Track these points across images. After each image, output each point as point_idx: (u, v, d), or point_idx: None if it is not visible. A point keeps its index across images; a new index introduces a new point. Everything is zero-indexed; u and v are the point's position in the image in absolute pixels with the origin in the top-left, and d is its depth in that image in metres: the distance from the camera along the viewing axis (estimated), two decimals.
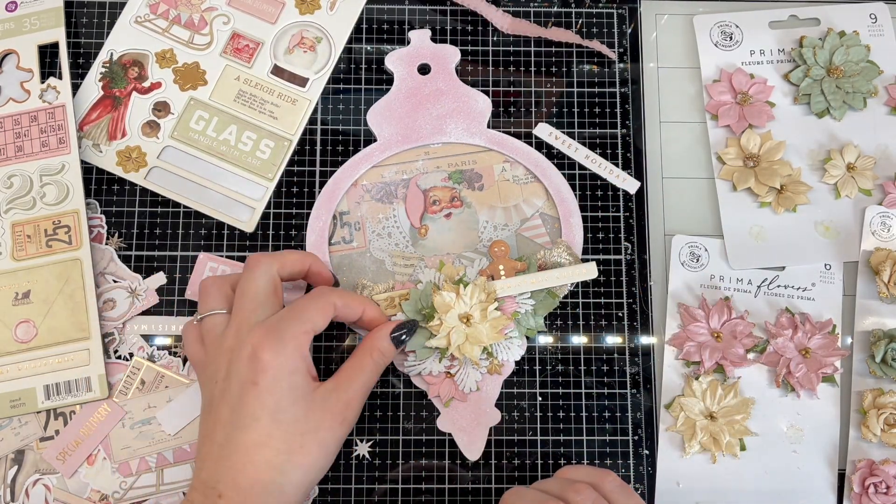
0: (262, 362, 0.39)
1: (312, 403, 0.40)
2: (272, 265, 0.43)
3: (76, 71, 0.52)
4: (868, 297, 0.50)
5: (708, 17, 0.54)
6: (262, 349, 0.39)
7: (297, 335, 0.40)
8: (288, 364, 0.40)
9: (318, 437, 0.40)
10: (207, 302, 0.43)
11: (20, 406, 0.46)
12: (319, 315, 0.41)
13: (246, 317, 0.41)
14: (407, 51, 0.53)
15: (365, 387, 0.43)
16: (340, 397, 0.41)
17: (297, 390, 0.40)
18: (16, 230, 0.48)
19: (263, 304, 0.41)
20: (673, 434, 0.48)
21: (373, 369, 0.43)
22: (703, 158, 0.53)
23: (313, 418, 0.40)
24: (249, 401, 0.39)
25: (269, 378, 0.39)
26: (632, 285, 0.50)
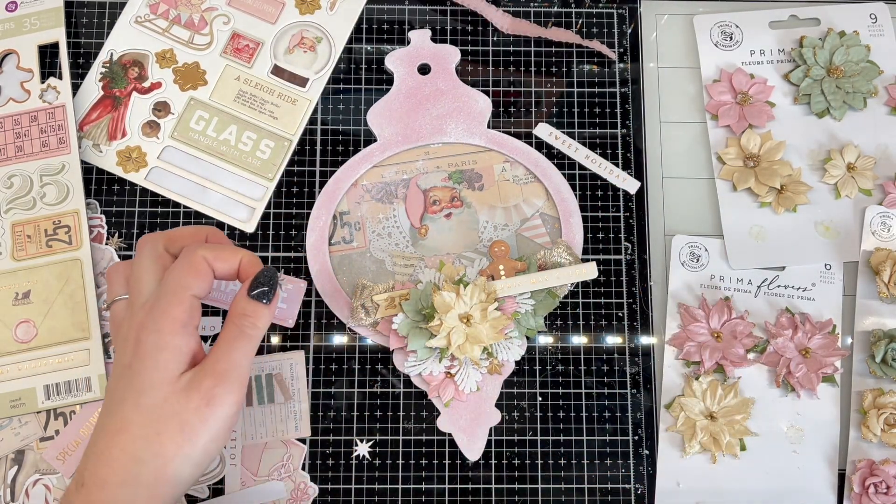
0: (139, 343, 0.37)
1: (177, 386, 0.37)
2: (158, 241, 0.40)
3: (76, 71, 0.52)
4: (868, 297, 0.50)
5: (708, 17, 0.54)
6: (141, 330, 0.37)
7: (168, 308, 0.37)
8: (157, 341, 0.37)
9: (179, 423, 0.36)
10: (112, 289, 0.41)
11: (20, 406, 0.46)
12: (192, 277, 0.38)
13: (134, 300, 0.39)
14: (407, 51, 0.53)
15: (237, 358, 0.38)
16: (207, 377, 0.37)
17: (163, 371, 0.37)
18: (16, 230, 0.48)
19: (149, 284, 0.39)
20: (673, 434, 0.48)
21: (242, 338, 0.38)
22: (703, 158, 0.53)
23: (174, 401, 0.36)
24: (121, 384, 0.37)
25: (138, 359, 0.37)
26: (632, 285, 0.50)
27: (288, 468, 0.47)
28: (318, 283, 0.49)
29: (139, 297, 0.39)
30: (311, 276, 0.49)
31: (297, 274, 0.49)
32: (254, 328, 0.39)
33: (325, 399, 0.48)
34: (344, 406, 0.48)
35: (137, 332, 0.37)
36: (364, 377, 0.48)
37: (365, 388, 0.48)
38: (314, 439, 0.48)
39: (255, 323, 0.39)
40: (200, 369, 0.37)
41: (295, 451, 0.47)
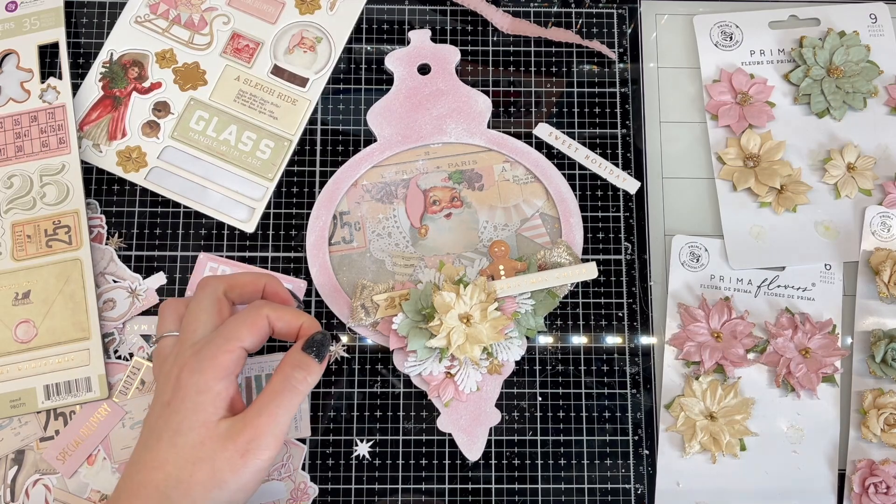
0: (179, 383, 0.38)
1: (214, 431, 0.38)
2: (219, 286, 0.42)
3: (76, 71, 0.52)
4: (868, 297, 0.50)
5: (708, 17, 0.54)
6: (183, 371, 0.38)
7: (217, 354, 0.38)
8: (198, 383, 0.38)
9: (211, 469, 0.37)
10: (162, 324, 0.42)
11: (20, 406, 0.46)
12: (247, 331, 0.39)
13: (185, 339, 0.40)
14: (407, 51, 0.53)
15: (278, 416, 0.39)
16: (245, 430, 0.38)
17: (200, 413, 0.38)
18: (16, 230, 0.48)
19: (204, 325, 0.40)
20: (673, 434, 0.48)
21: (288, 391, 0.39)
22: (703, 158, 0.53)
23: (210, 447, 0.37)
24: (160, 421, 0.38)
25: (178, 398, 0.38)
26: (632, 285, 0.50)
27: (288, 468, 0.47)
28: (318, 283, 0.49)
29: (191, 336, 0.40)
30: (311, 276, 0.49)
31: (297, 274, 0.49)
32: (303, 382, 0.40)
33: (325, 399, 0.48)
34: (344, 406, 0.48)
35: (180, 370, 0.39)
36: (364, 377, 0.48)
37: (365, 388, 0.48)
38: (314, 439, 0.48)
39: (306, 377, 0.40)
40: (241, 419, 0.38)
41: (295, 451, 0.47)
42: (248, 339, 0.40)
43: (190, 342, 0.40)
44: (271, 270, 0.49)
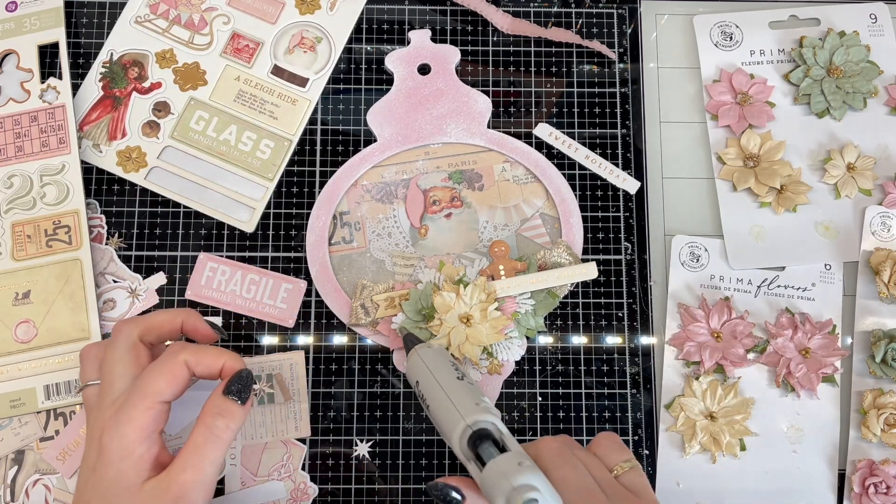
0: (102, 447, 0.37)
1: (138, 496, 0.37)
2: (132, 331, 0.40)
3: (76, 71, 0.52)
4: (868, 297, 0.50)
5: (708, 17, 0.54)
6: (104, 432, 0.37)
7: (135, 415, 0.37)
8: (120, 449, 0.37)
9: None
10: (85, 372, 0.41)
11: (20, 406, 0.46)
12: (165, 382, 0.38)
13: (105, 392, 0.39)
14: (407, 51, 0.53)
15: (203, 468, 0.37)
16: (171, 487, 0.37)
17: (123, 480, 0.37)
18: (16, 230, 0.48)
19: (121, 377, 0.39)
20: (673, 434, 0.48)
21: (211, 442, 0.38)
22: (703, 158, 0.53)
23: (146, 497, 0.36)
24: (88, 486, 0.38)
25: (102, 464, 0.37)
26: (632, 285, 0.50)
27: (288, 468, 0.47)
28: (318, 283, 0.49)
29: (109, 390, 0.39)
30: (311, 276, 0.49)
31: (297, 274, 0.49)
32: (226, 430, 0.38)
33: (325, 399, 0.48)
34: (344, 406, 0.48)
35: (101, 432, 0.38)
36: (364, 377, 0.48)
37: (365, 388, 0.48)
38: (314, 439, 0.48)
39: (229, 424, 0.39)
40: (165, 479, 0.37)
41: (295, 451, 0.47)
42: (168, 391, 0.38)
43: (109, 397, 0.39)
44: (271, 270, 0.49)
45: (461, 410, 0.37)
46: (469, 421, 0.36)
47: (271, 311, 0.49)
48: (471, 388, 0.38)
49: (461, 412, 0.37)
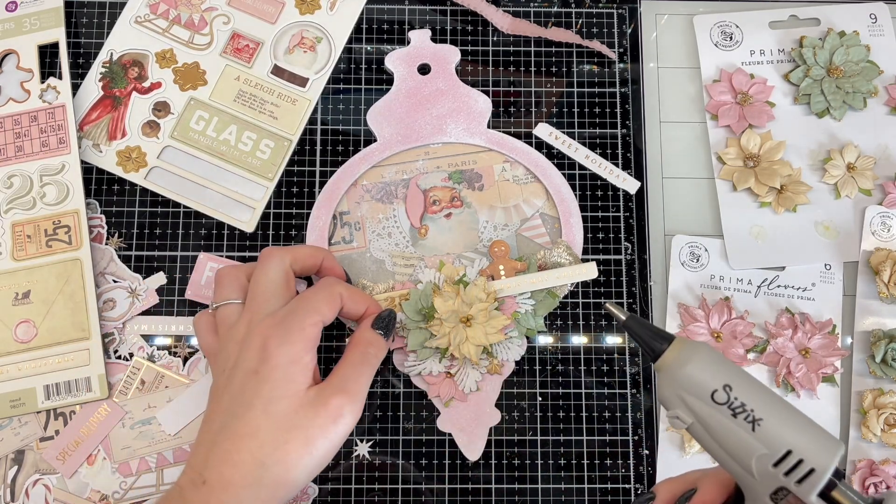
0: (266, 352, 0.39)
1: (305, 399, 0.39)
2: (285, 258, 0.43)
3: (76, 71, 0.52)
4: (868, 297, 0.50)
5: (708, 17, 0.54)
6: (270, 339, 0.40)
7: (304, 326, 0.40)
8: (290, 354, 0.39)
9: (305, 435, 0.39)
10: (222, 291, 0.43)
11: (20, 406, 0.46)
12: (327, 305, 0.41)
13: (258, 308, 0.41)
14: (407, 51, 0.53)
15: (360, 380, 0.41)
16: (333, 396, 0.40)
17: (293, 383, 0.39)
18: (16, 230, 0.48)
19: (276, 296, 0.42)
20: (673, 434, 0.48)
21: (366, 364, 0.42)
22: (703, 158, 0.53)
23: (303, 414, 0.39)
24: (248, 389, 0.39)
25: (268, 367, 0.39)
26: (632, 285, 0.50)
27: None
28: None
29: (264, 305, 0.41)
30: (310, 276, 0.49)
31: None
32: (376, 357, 0.42)
33: None
34: None
35: (265, 340, 0.40)
36: None
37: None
38: None
39: (377, 353, 0.43)
40: (329, 387, 0.40)
41: None
42: (328, 313, 0.41)
43: (264, 311, 0.41)
44: None
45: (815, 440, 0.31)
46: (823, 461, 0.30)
47: None
48: None
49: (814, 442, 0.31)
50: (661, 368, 0.33)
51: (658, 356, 0.33)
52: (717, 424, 0.32)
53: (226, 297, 0.43)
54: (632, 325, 0.34)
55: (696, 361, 0.32)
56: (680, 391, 0.32)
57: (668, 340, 0.33)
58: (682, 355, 0.33)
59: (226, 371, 0.41)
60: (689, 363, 0.32)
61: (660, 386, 0.33)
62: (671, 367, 0.33)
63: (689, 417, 0.32)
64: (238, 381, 0.40)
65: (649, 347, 0.34)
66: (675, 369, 0.33)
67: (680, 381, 0.32)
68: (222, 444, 0.38)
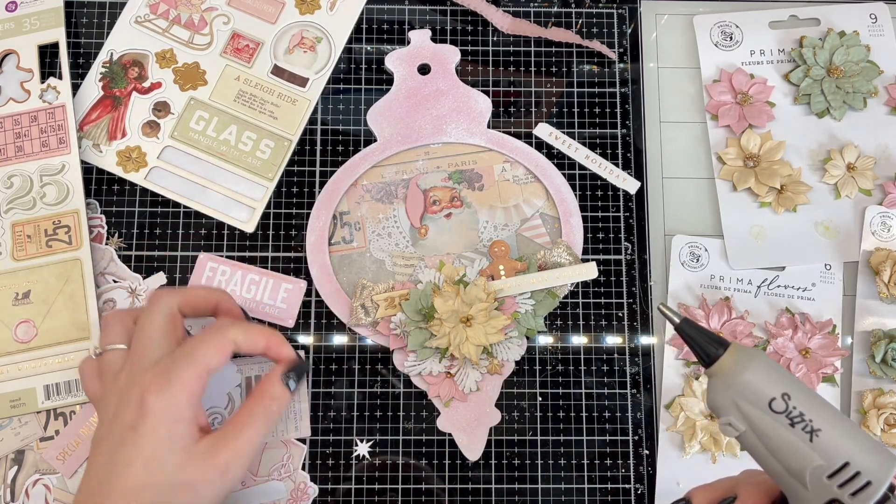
0: (145, 407, 0.37)
1: (191, 455, 0.37)
2: (172, 301, 0.41)
3: (76, 71, 0.52)
4: (868, 297, 0.50)
5: (708, 17, 0.54)
6: (149, 393, 0.37)
7: (187, 380, 0.38)
8: (171, 411, 0.37)
9: (193, 490, 0.37)
10: (107, 336, 0.41)
11: (20, 406, 0.46)
12: (214, 353, 0.39)
13: (140, 356, 0.39)
14: (407, 51, 0.53)
15: (254, 436, 0.39)
16: (225, 450, 0.38)
17: (177, 441, 0.37)
18: (16, 230, 0.48)
19: (159, 343, 0.39)
20: (673, 434, 0.48)
21: (264, 417, 0.40)
22: (703, 158, 0.53)
23: (190, 471, 0.37)
24: (126, 447, 0.37)
25: (148, 424, 0.37)
26: (632, 285, 0.50)
27: (288, 468, 0.47)
28: (318, 283, 0.49)
29: (146, 353, 0.39)
30: (311, 276, 0.49)
31: (297, 274, 0.49)
32: (276, 413, 0.41)
33: (325, 399, 0.48)
34: (344, 406, 0.48)
35: (143, 392, 0.37)
36: (364, 377, 0.48)
37: (365, 388, 0.48)
38: (314, 439, 0.48)
39: (279, 409, 0.41)
40: (221, 439, 0.38)
41: (295, 451, 0.47)
42: (216, 361, 0.39)
43: (146, 360, 0.39)
44: (271, 270, 0.49)
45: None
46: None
47: (271, 311, 0.49)
48: None
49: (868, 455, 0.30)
50: (715, 374, 0.33)
51: (712, 361, 0.33)
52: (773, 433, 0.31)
53: (110, 341, 0.41)
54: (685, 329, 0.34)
55: (755, 368, 0.32)
56: (736, 398, 0.32)
57: (723, 346, 0.33)
58: (740, 362, 0.32)
59: (104, 423, 0.39)
60: (747, 370, 0.32)
61: (713, 391, 0.33)
62: (728, 373, 0.32)
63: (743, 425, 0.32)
64: (117, 436, 0.38)
65: (704, 352, 0.33)
66: (733, 376, 0.32)
67: (737, 387, 0.32)
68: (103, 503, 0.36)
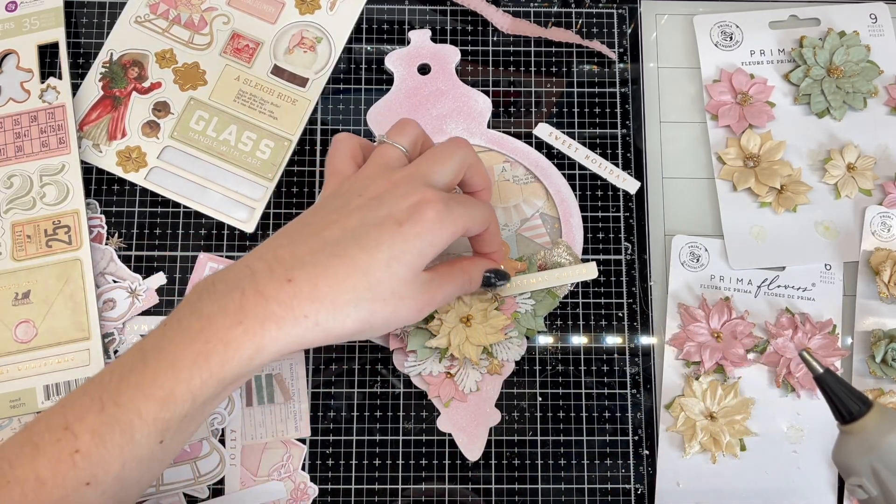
0: (421, 215, 0.37)
1: (420, 278, 0.38)
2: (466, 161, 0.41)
3: (76, 71, 0.52)
4: (868, 297, 0.50)
5: (708, 17, 0.54)
6: (429, 206, 0.37)
7: (459, 223, 0.38)
8: (433, 235, 0.37)
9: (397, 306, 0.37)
10: (400, 136, 0.41)
11: (20, 406, 0.46)
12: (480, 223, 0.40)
13: (428, 170, 0.39)
14: (407, 51, 0.53)
15: (447, 296, 0.40)
16: (433, 290, 0.38)
17: (418, 258, 0.37)
18: (16, 230, 0.48)
19: (449, 177, 0.40)
20: (673, 434, 0.48)
21: (458, 287, 0.41)
22: (703, 158, 0.53)
23: (409, 289, 0.37)
24: (384, 231, 0.36)
25: (413, 230, 0.36)
26: (632, 285, 0.50)
27: (288, 468, 0.47)
28: None
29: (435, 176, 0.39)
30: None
31: None
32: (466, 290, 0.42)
33: (325, 399, 0.48)
34: (344, 406, 0.48)
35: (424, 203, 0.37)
36: (364, 377, 0.48)
37: (365, 389, 0.48)
38: (314, 439, 0.48)
39: (471, 289, 0.43)
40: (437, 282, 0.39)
41: (295, 451, 0.47)
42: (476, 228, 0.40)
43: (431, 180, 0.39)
44: None
45: None
46: None
47: None
48: None
49: None
50: (853, 432, 0.31)
51: (853, 419, 0.32)
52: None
53: (399, 141, 0.41)
54: (827, 381, 0.32)
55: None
56: (874, 461, 0.30)
57: (866, 404, 0.31)
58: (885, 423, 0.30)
59: (361, 196, 0.38)
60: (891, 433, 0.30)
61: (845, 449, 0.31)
62: (868, 434, 0.31)
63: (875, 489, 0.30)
64: (379, 215, 0.37)
65: (845, 407, 0.32)
66: (875, 437, 0.31)
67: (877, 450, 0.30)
68: (331, 260, 0.36)
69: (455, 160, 0.40)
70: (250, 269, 0.35)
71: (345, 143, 0.42)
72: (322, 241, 0.36)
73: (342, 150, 0.42)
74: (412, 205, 0.37)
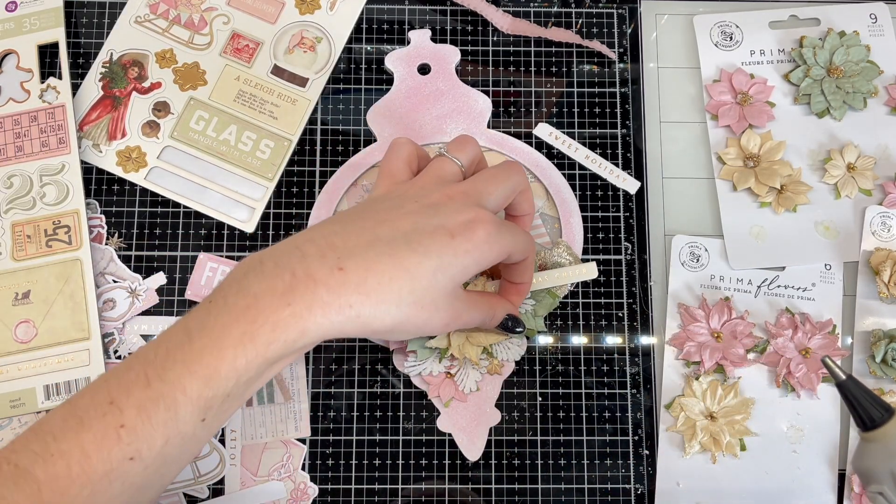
0: (473, 232, 0.37)
1: (457, 293, 0.38)
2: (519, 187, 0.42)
3: (76, 71, 0.52)
4: (868, 297, 0.50)
5: (708, 17, 0.54)
6: (483, 228, 0.38)
7: (505, 248, 0.39)
8: (481, 254, 0.38)
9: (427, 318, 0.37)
10: (462, 152, 0.42)
11: (20, 406, 0.46)
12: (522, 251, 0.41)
13: (483, 190, 0.40)
14: (407, 51, 0.53)
15: (470, 322, 0.41)
16: (465, 310, 0.39)
17: (461, 273, 0.37)
18: (16, 230, 0.48)
19: (501, 200, 0.41)
20: (673, 434, 0.48)
21: (480, 317, 0.41)
22: (703, 158, 0.53)
23: (444, 301, 0.37)
24: (436, 240, 0.37)
25: (464, 244, 0.37)
26: (632, 285, 0.50)
27: (288, 468, 0.47)
28: None
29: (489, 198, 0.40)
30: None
31: None
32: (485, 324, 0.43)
33: (325, 399, 0.48)
34: (344, 406, 0.48)
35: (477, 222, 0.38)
36: (364, 377, 0.48)
37: (365, 388, 0.48)
38: (314, 439, 0.48)
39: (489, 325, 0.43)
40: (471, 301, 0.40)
41: (295, 451, 0.47)
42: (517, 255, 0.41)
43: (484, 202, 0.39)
44: None
45: None
46: None
47: None
48: None
49: None
50: (875, 439, 0.31)
51: (875, 425, 0.32)
52: None
53: (457, 156, 0.41)
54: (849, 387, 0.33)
55: None
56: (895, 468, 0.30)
57: (888, 411, 0.31)
58: None
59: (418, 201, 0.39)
60: None
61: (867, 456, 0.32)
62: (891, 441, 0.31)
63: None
64: (432, 223, 0.37)
65: (866, 414, 0.32)
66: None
67: None
68: (382, 255, 0.36)
69: (509, 184, 0.41)
70: (301, 252, 0.35)
71: (403, 148, 0.42)
72: (374, 236, 0.37)
73: (399, 154, 0.42)
74: (465, 221, 0.38)
